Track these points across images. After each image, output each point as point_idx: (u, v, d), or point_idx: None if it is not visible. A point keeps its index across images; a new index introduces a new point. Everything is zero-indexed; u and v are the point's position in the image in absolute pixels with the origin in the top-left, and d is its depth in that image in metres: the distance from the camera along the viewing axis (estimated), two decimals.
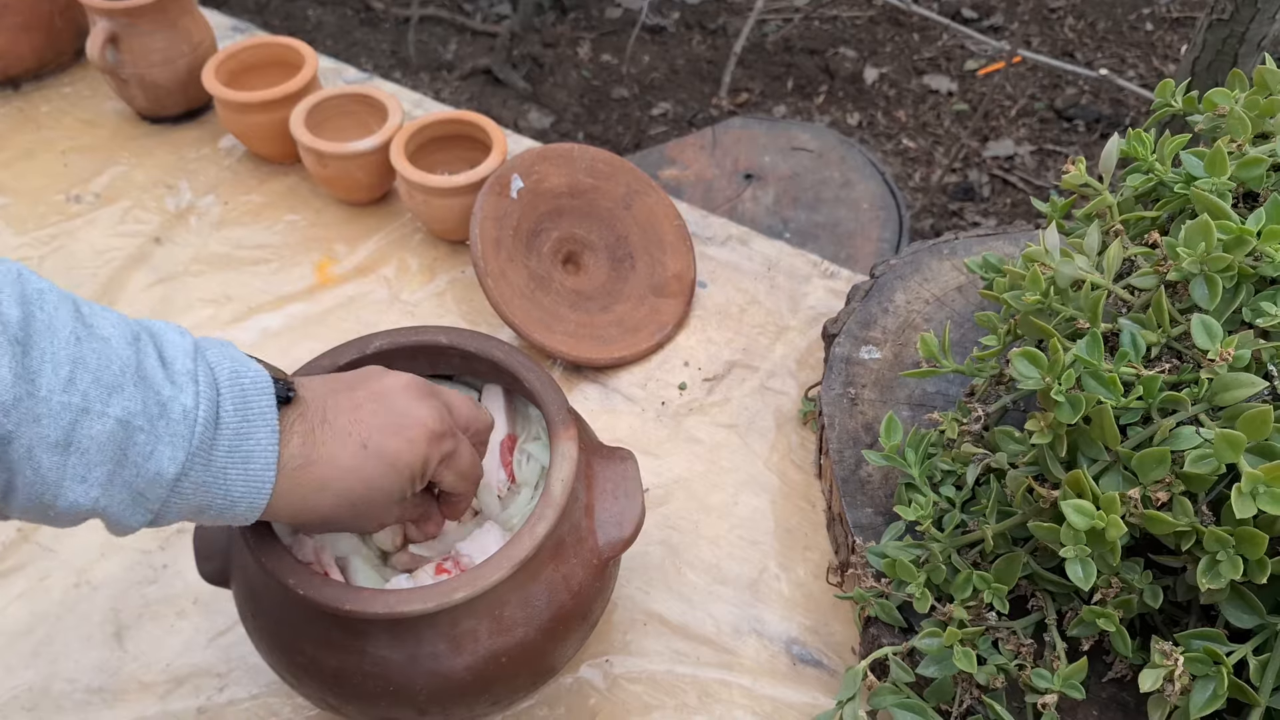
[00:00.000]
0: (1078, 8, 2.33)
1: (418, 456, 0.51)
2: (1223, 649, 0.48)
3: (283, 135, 0.96)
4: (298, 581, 0.52)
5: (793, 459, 0.79)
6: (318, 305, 0.90)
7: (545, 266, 0.88)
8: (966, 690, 0.57)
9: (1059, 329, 0.57)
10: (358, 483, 0.50)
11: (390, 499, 0.52)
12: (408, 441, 0.51)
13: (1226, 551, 0.47)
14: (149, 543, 0.73)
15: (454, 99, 2.13)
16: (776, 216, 1.29)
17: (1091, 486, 0.50)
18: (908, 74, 2.18)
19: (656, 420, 0.82)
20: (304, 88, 0.96)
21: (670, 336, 0.88)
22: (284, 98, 0.95)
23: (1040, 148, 2.01)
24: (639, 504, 0.60)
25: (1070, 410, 0.51)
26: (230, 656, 0.67)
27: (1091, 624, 0.54)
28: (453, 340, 0.64)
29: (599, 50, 2.26)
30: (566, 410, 0.60)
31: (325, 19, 2.36)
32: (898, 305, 0.79)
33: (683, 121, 2.09)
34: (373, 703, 0.55)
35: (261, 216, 0.98)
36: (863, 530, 0.66)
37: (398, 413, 0.52)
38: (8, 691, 0.66)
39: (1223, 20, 1.01)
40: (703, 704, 0.66)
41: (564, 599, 0.56)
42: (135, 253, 0.94)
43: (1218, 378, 0.49)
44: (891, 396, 0.73)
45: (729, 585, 0.72)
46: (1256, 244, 0.52)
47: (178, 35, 1.00)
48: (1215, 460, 0.47)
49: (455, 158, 0.95)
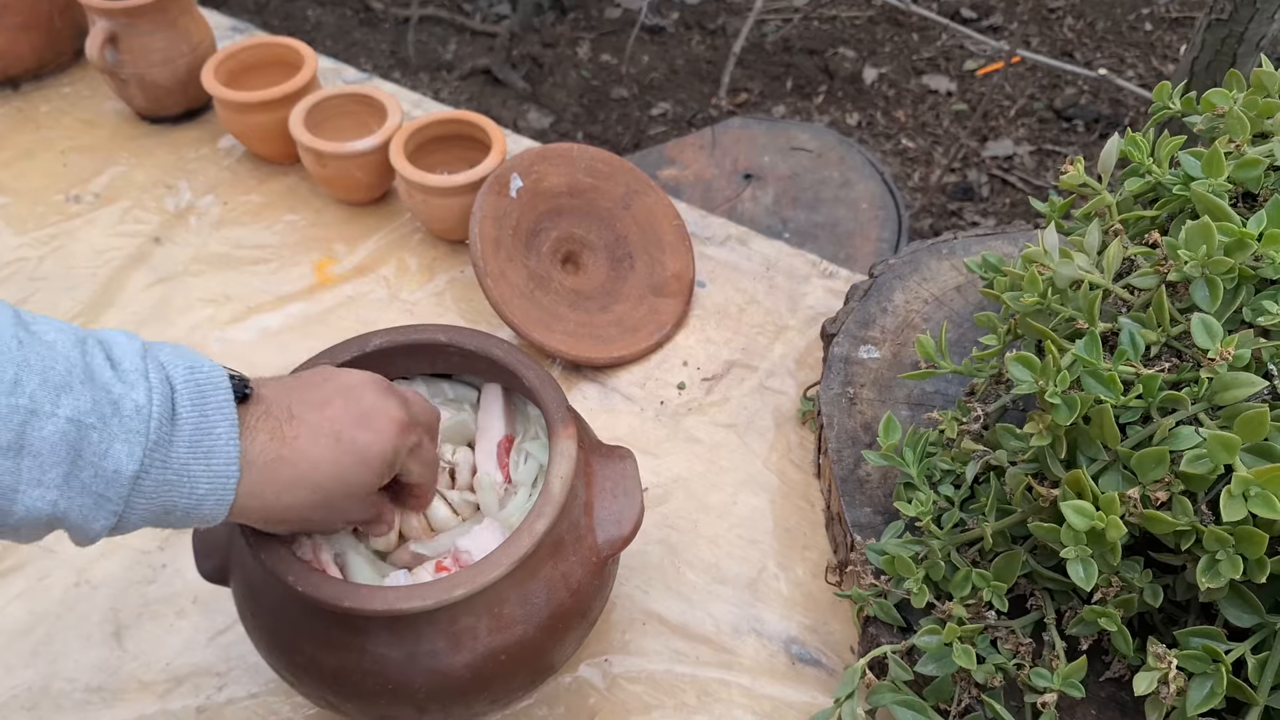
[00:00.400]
0: (1077, 8, 2.33)
1: (388, 448, 0.52)
2: (1222, 647, 0.48)
3: (282, 135, 0.96)
4: (297, 579, 0.52)
5: (791, 458, 0.79)
6: (317, 305, 0.90)
7: (544, 266, 0.88)
8: (965, 689, 0.57)
9: (1058, 329, 0.57)
10: (332, 476, 0.50)
11: (362, 491, 0.52)
12: (377, 433, 0.51)
13: (1226, 551, 0.47)
14: (148, 542, 0.73)
15: (453, 99, 2.13)
16: (776, 216, 1.29)
17: (1091, 486, 0.50)
18: (907, 74, 2.18)
19: (655, 419, 0.82)
20: (303, 88, 0.97)
21: (669, 336, 0.88)
22: (283, 98, 0.95)
23: (1039, 148, 2.01)
24: (638, 503, 0.60)
25: (1067, 412, 0.51)
26: (230, 655, 0.67)
27: (1091, 623, 0.54)
28: (452, 338, 0.64)
29: (598, 50, 2.26)
30: (566, 408, 0.60)
31: (325, 19, 2.36)
32: (896, 305, 0.79)
33: (682, 121, 2.09)
34: (372, 701, 0.55)
35: (261, 216, 0.98)
36: (861, 529, 0.66)
37: (366, 406, 0.52)
38: (7, 691, 0.66)
39: (1221, 20, 1.01)
40: (702, 703, 0.66)
41: (563, 597, 0.56)
42: (135, 253, 0.94)
43: (1218, 377, 0.49)
44: (890, 396, 0.73)
45: (728, 584, 0.72)
46: (1258, 247, 0.52)
47: (177, 35, 1.00)
48: (1211, 461, 0.47)
49: (454, 158, 0.95)
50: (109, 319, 0.88)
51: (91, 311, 0.89)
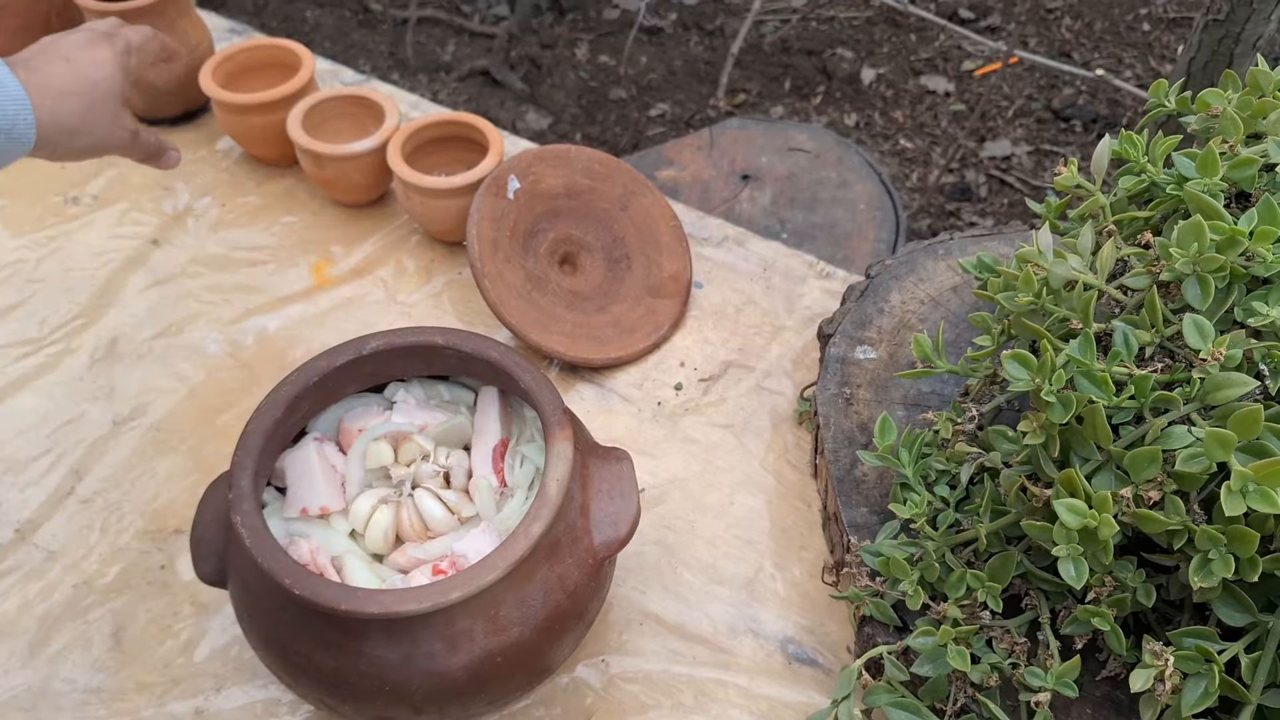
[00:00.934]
0: (1074, 8, 2.33)
1: (108, 52, 0.68)
2: (1215, 647, 0.49)
3: (280, 137, 0.96)
4: (294, 581, 0.52)
5: (788, 459, 0.79)
6: (315, 306, 0.90)
7: (542, 267, 0.88)
8: (961, 689, 0.57)
9: (1052, 329, 0.57)
10: (83, 79, 0.66)
11: (115, 94, 0.68)
12: (90, 44, 0.68)
13: (1218, 550, 0.47)
14: (146, 543, 0.73)
15: (451, 100, 2.14)
16: (773, 217, 1.29)
17: (1084, 485, 0.50)
18: (905, 74, 2.19)
19: (653, 420, 0.82)
20: (301, 89, 0.97)
21: (666, 337, 0.88)
22: (281, 99, 0.95)
23: (1037, 148, 2.01)
24: (634, 504, 0.60)
25: (1061, 410, 0.51)
26: (227, 657, 0.68)
27: (1085, 622, 0.54)
28: (449, 341, 0.64)
29: (596, 51, 2.26)
30: (562, 411, 0.60)
31: (323, 20, 2.36)
32: (893, 305, 0.79)
33: (680, 122, 2.09)
34: (369, 702, 0.55)
35: (259, 218, 0.98)
36: (858, 530, 0.66)
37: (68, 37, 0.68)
38: (6, 692, 0.66)
39: (1218, 21, 1.01)
40: (699, 703, 0.66)
41: (559, 599, 0.56)
42: (133, 255, 0.94)
43: (1210, 377, 0.49)
44: (886, 396, 0.73)
45: (725, 585, 0.72)
46: (1248, 244, 0.52)
47: (175, 37, 1.00)
48: (1206, 459, 0.47)
49: (452, 159, 0.96)
50: (107, 321, 0.88)
51: (90, 313, 0.89)
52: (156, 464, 0.78)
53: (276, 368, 0.85)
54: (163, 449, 0.79)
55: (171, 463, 0.78)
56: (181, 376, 0.84)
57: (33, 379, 0.84)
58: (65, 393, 0.83)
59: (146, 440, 0.80)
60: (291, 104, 0.95)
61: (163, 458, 0.79)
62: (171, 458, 0.79)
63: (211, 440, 0.80)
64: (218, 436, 0.80)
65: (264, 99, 0.95)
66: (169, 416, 0.81)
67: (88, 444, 0.79)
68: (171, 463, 0.78)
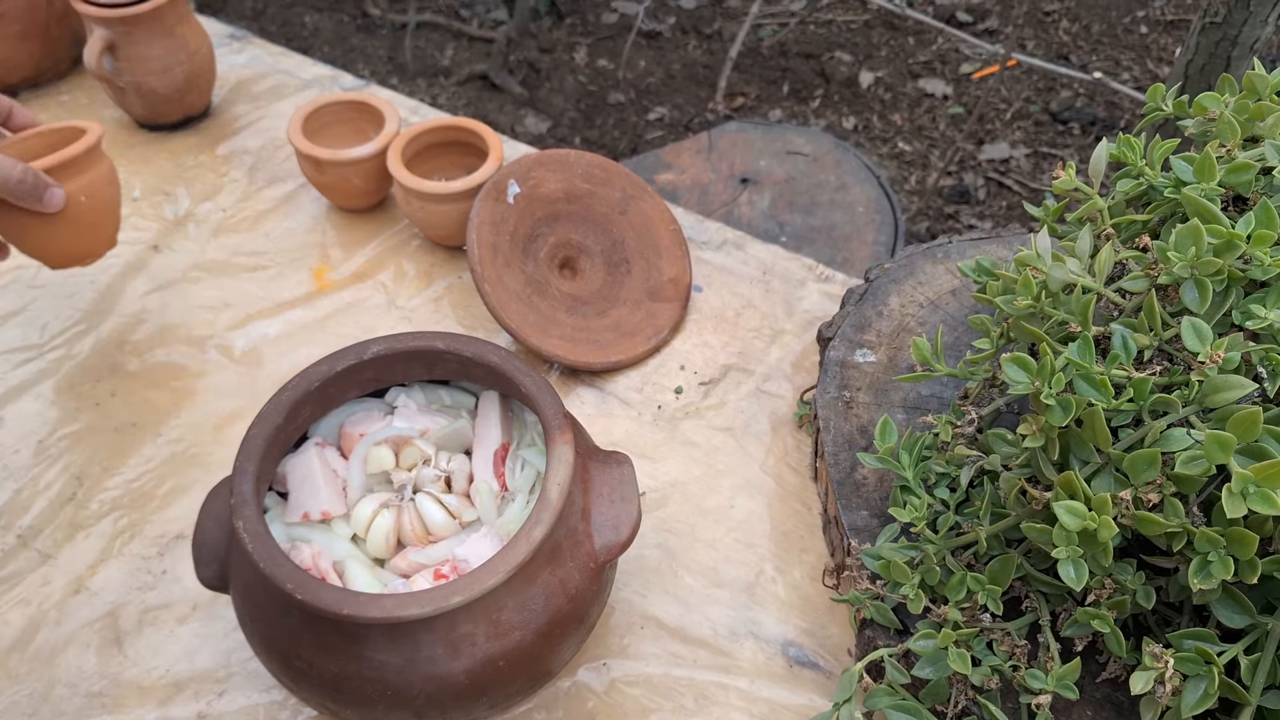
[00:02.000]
0: (1072, 11, 2.34)
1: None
2: (1214, 649, 0.49)
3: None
4: (296, 586, 0.52)
5: (788, 462, 0.79)
6: (315, 311, 0.91)
7: (542, 271, 0.88)
8: (961, 691, 0.57)
9: (1051, 332, 0.57)
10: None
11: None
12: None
13: (1217, 552, 0.47)
14: (148, 549, 0.73)
15: (451, 105, 2.14)
16: (772, 220, 1.29)
17: (1083, 488, 0.50)
18: (903, 78, 2.19)
19: (653, 424, 0.82)
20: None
21: (666, 340, 0.88)
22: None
23: (1035, 150, 2.01)
24: (635, 507, 0.60)
25: (1061, 413, 0.51)
26: (229, 661, 0.68)
27: (1085, 624, 0.54)
28: (449, 345, 0.64)
29: (595, 55, 2.26)
30: (562, 414, 0.60)
31: (322, 25, 2.36)
32: (892, 309, 0.79)
33: (679, 126, 2.09)
34: (371, 706, 0.55)
35: (259, 223, 0.99)
36: (858, 533, 0.66)
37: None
38: (7, 698, 0.66)
39: (1215, 23, 1.01)
40: (700, 706, 0.66)
41: (561, 603, 0.57)
42: (134, 260, 0.94)
43: (1208, 380, 0.50)
44: (886, 399, 0.73)
45: (725, 588, 0.72)
46: (1246, 248, 0.52)
47: (175, 43, 1.01)
48: (1205, 461, 0.47)
49: (452, 164, 0.96)
50: (108, 326, 0.88)
51: (90, 319, 0.89)
52: (158, 469, 0.78)
53: (277, 373, 0.85)
54: (164, 454, 0.79)
55: (173, 468, 0.79)
56: (182, 382, 0.85)
57: (34, 385, 0.84)
58: (66, 399, 0.83)
59: (148, 446, 0.80)
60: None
61: (164, 463, 0.79)
62: (173, 463, 0.79)
63: (213, 445, 0.80)
64: (219, 442, 0.80)
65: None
66: (170, 422, 0.82)
67: (89, 450, 0.80)
68: (173, 468, 0.79)
